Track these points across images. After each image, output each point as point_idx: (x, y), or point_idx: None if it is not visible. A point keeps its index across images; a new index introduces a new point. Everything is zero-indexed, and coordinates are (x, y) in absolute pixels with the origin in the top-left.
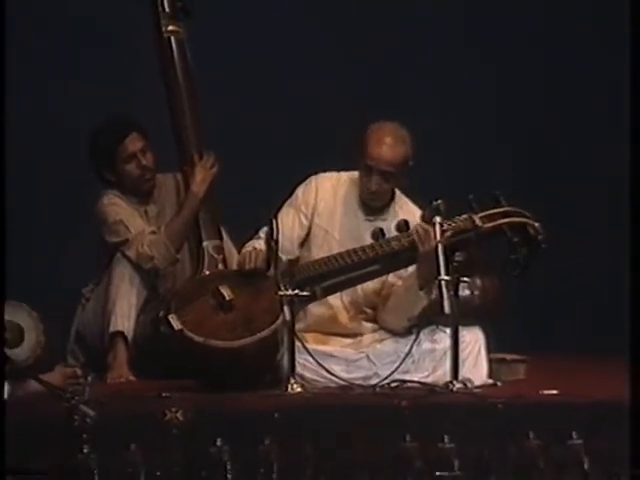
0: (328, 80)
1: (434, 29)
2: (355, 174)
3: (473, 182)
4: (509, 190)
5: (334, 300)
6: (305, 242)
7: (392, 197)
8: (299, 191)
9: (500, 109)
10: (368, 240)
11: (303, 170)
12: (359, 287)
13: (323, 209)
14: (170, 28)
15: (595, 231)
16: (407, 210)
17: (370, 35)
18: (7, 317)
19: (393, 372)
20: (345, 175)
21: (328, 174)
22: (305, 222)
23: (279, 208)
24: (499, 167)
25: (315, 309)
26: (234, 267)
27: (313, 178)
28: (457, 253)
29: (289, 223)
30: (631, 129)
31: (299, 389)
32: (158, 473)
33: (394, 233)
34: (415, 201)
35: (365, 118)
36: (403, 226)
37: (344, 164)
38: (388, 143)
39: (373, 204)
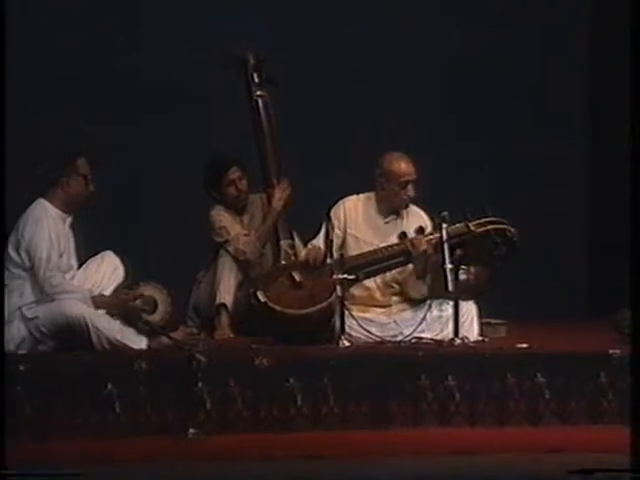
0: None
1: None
2: (369, 194)
3: (468, 198)
4: (493, 202)
5: (370, 282)
6: (342, 246)
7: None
8: (332, 212)
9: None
10: (388, 237)
11: (343, 187)
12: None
13: (351, 221)
14: (258, 93)
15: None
16: (414, 213)
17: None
18: (147, 293)
19: (413, 332)
20: (363, 195)
21: (352, 197)
22: (339, 233)
23: (327, 221)
24: (487, 185)
25: (358, 288)
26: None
27: (341, 202)
28: (457, 249)
29: (330, 235)
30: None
31: (347, 344)
32: (250, 402)
33: (412, 235)
34: (424, 210)
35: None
36: (419, 230)
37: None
38: (406, 161)
39: (405, 207)
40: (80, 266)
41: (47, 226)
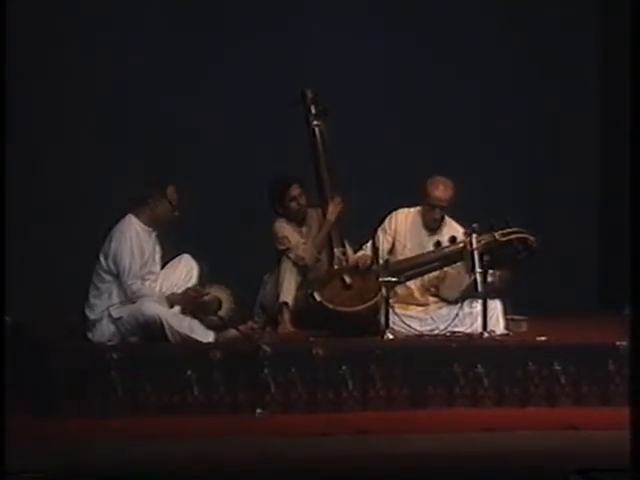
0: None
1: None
2: (418, 208)
3: (493, 211)
4: (514, 214)
5: (411, 283)
6: (391, 251)
7: (442, 219)
8: (385, 221)
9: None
10: (430, 248)
11: (393, 202)
12: (426, 275)
13: (401, 231)
14: (315, 122)
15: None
16: (452, 227)
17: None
18: (212, 293)
19: (447, 327)
20: (413, 209)
21: (403, 209)
22: (390, 239)
23: (376, 229)
24: (508, 200)
25: (400, 289)
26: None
27: (394, 212)
28: (485, 256)
29: (381, 241)
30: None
31: (391, 336)
32: (308, 386)
33: (446, 244)
34: (459, 222)
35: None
36: (452, 240)
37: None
38: (442, 189)
39: (434, 225)
40: (162, 267)
41: (130, 239)
